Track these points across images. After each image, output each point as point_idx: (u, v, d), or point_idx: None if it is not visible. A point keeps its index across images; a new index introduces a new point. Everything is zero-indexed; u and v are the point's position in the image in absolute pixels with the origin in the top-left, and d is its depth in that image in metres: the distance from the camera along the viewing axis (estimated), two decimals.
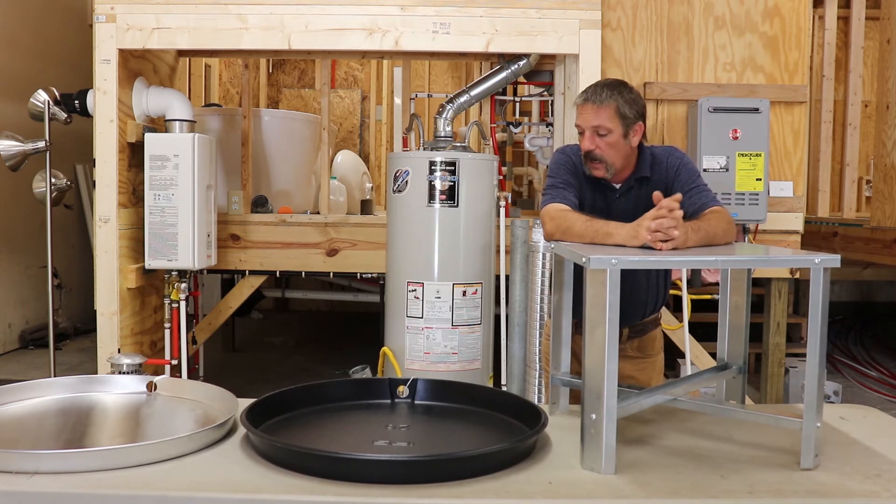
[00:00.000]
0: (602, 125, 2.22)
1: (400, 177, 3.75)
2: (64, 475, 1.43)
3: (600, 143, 2.24)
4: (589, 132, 2.25)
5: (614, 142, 2.24)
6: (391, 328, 3.80)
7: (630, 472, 1.52)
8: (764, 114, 4.24)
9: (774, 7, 4.52)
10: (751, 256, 1.91)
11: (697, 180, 2.30)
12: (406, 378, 1.96)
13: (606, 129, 2.23)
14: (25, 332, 6.75)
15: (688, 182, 2.28)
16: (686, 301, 4.30)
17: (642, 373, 2.50)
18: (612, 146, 2.24)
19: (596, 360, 1.53)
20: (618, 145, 2.25)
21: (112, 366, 2.31)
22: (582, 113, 2.27)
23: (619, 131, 2.24)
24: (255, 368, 6.25)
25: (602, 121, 2.22)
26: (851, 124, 5.91)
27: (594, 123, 2.23)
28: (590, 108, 2.24)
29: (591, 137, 2.25)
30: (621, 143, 2.25)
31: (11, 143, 4.34)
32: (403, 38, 3.86)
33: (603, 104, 2.23)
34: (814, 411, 1.55)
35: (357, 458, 1.47)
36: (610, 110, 2.23)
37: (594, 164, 2.28)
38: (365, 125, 8.16)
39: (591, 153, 2.26)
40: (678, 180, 2.29)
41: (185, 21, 3.85)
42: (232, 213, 4.80)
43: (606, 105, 2.23)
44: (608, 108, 2.23)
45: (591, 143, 2.24)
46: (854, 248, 5.47)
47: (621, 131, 2.24)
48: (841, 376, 6.10)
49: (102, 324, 3.93)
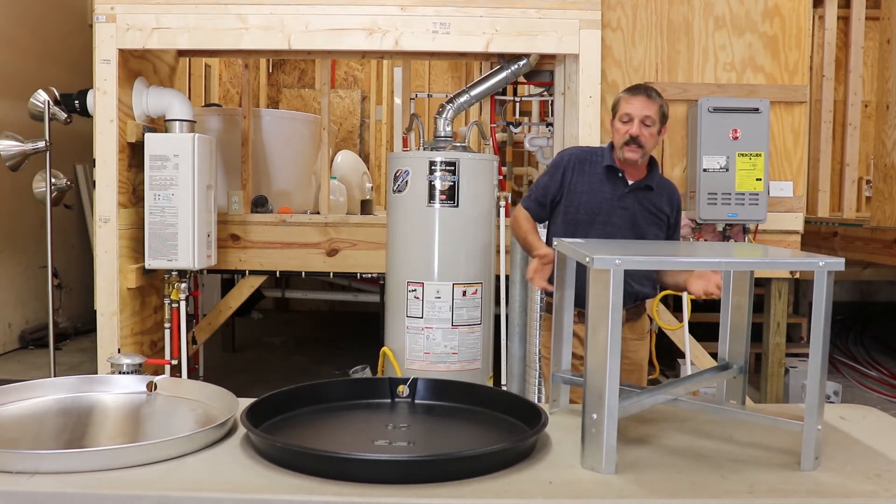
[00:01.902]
0: (650, 116, 2.58)
1: (400, 177, 3.75)
2: (64, 475, 1.43)
3: (645, 132, 2.57)
4: (638, 120, 2.57)
5: (654, 133, 2.60)
6: (391, 328, 3.80)
7: (630, 471, 1.52)
8: (764, 114, 4.24)
9: (774, 7, 4.52)
10: (754, 259, 1.91)
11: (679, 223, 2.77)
12: (406, 378, 1.96)
13: (652, 120, 2.58)
14: (25, 332, 6.75)
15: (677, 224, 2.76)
16: (686, 301, 4.30)
17: (637, 353, 2.72)
18: (652, 136, 2.60)
19: (598, 360, 1.53)
20: (654, 138, 2.62)
21: (112, 366, 2.31)
22: (633, 103, 2.59)
23: (658, 127, 2.61)
24: (255, 368, 6.25)
25: (651, 112, 2.58)
26: (851, 124, 5.91)
27: (645, 113, 2.57)
28: (643, 100, 2.58)
29: (639, 125, 2.57)
30: (656, 138, 2.63)
31: (11, 143, 4.34)
32: (403, 38, 3.86)
33: (653, 100, 2.60)
34: (815, 414, 1.55)
35: (357, 458, 1.47)
36: (656, 106, 2.60)
37: (632, 147, 2.58)
38: (365, 125, 8.16)
39: (637, 139, 2.57)
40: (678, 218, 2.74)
41: (185, 21, 3.84)
42: (232, 213, 4.80)
43: (655, 101, 2.60)
44: (656, 104, 2.60)
45: (639, 129, 2.57)
46: (854, 248, 5.47)
47: (658, 127, 2.62)
48: (841, 376, 6.10)
49: (102, 324, 3.93)
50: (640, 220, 2.62)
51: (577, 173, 2.67)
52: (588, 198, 2.64)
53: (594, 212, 2.62)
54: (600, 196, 2.63)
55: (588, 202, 2.63)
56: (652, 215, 2.64)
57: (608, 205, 2.62)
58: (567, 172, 2.69)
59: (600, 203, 2.63)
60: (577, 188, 2.66)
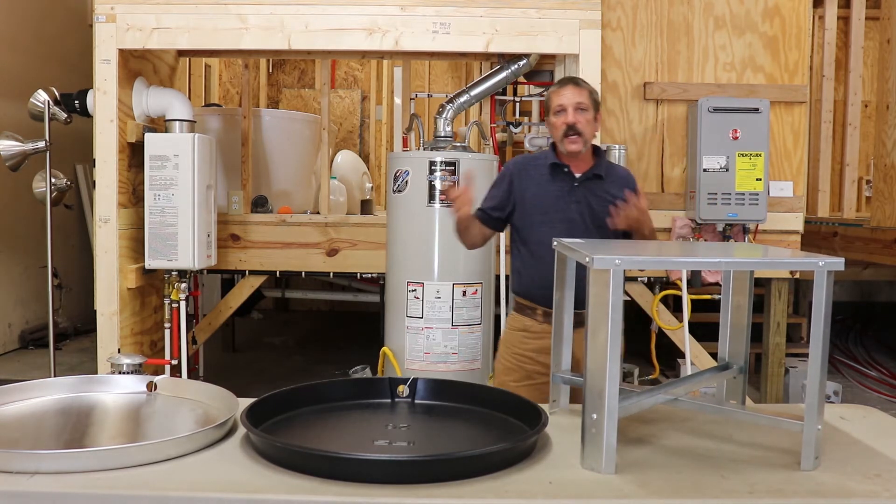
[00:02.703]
0: (583, 102, 2.59)
1: (400, 177, 3.75)
2: (64, 475, 1.43)
3: (580, 118, 2.57)
4: (572, 108, 2.57)
5: (590, 119, 2.60)
6: (391, 328, 3.80)
7: (630, 471, 1.52)
8: (764, 114, 4.24)
9: (774, 7, 4.52)
10: (754, 259, 1.90)
11: None
12: (406, 378, 1.95)
13: (585, 106, 2.59)
14: (25, 332, 6.75)
15: None
16: (686, 301, 4.30)
17: None
18: (589, 123, 2.60)
19: (598, 360, 1.53)
20: (591, 124, 2.61)
21: (112, 366, 2.31)
22: (563, 93, 2.60)
23: (592, 113, 2.61)
24: (255, 368, 6.25)
25: (583, 98, 2.59)
26: (851, 124, 5.91)
27: (577, 100, 2.58)
28: (571, 89, 2.60)
29: (573, 113, 2.57)
30: (593, 124, 2.62)
31: (11, 143, 4.34)
32: (403, 38, 3.86)
33: (582, 87, 2.62)
34: (815, 414, 1.55)
35: (357, 458, 1.47)
36: (586, 93, 2.61)
37: (572, 138, 2.57)
38: (365, 125, 8.16)
39: (574, 126, 2.56)
40: None
41: (185, 21, 3.85)
42: (232, 213, 4.80)
43: (584, 88, 2.62)
44: (585, 90, 2.62)
45: (574, 117, 2.56)
46: (854, 248, 5.47)
47: (592, 113, 2.62)
48: (841, 376, 6.10)
49: (102, 324, 3.93)
50: (596, 210, 2.59)
51: (524, 179, 2.66)
52: (539, 199, 2.62)
53: (547, 211, 2.60)
54: (551, 195, 2.61)
55: (540, 204, 2.61)
56: (607, 203, 2.59)
57: (561, 201, 2.60)
58: (514, 181, 2.67)
59: (553, 201, 2.60)
60: (527, 193, 2.64)
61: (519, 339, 2.70)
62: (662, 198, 4.56)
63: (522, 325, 2.69)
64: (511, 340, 2.74)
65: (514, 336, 2.72)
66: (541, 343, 2.63)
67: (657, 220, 4.51)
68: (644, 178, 4.56)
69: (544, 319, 2.63)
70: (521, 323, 2.70)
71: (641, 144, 4.56)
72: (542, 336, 2.63)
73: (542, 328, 2.63)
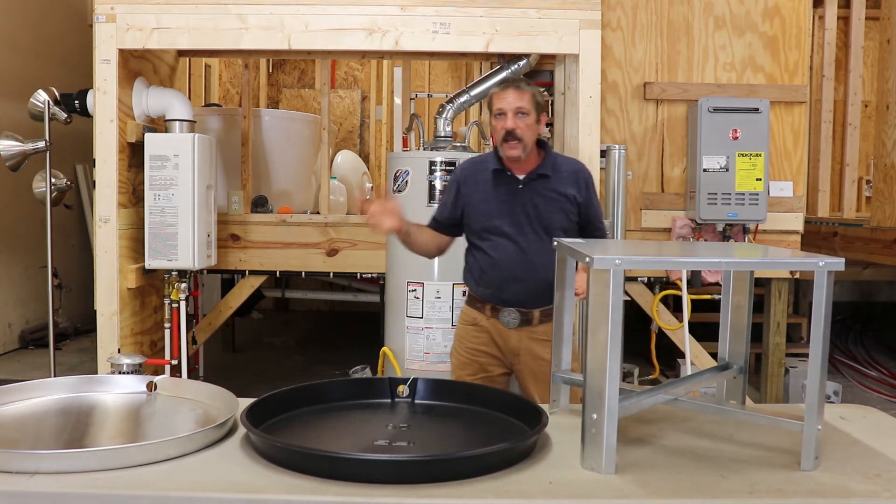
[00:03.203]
0: (523, 106, 2.53)
1: (400, 177, 3.75)
2: (64, 475, 1.43)
3: (520, 123, 2.53)
4: (511, 113, 2.53)
5: (531, 124, 2.55)
6: (391, 328, 3.80)
7: (630, 471, 1.52)
8: (764, 114, 4.24)
9: (774, 7, 4.52)
10: (754, 259, 1.90)
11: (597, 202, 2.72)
12: (406, 378, 1.95)
13: (526, 110, 2.53)
14: (25, 332, 6.75)
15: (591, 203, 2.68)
16: (686, 301, 4.30)
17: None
18: (529, 127, 2.55)
19: (598, 360, 1.53)
20: (532, 128, 2.56)
21: (112, 366, 2.31)
22: (504, 97, 2.55)
23: (534, 116, 2.56)
24: (255, 368, 6.25)
25: (523, 103, 2.53)
26: (851, 124, 5.91)
27: (517, 105, 2.53)
28: (512, 93, 2.55)
29: (513, 118, 2.53)
30: (534, 127, 2.57)
31: (11, 143, 4.34)
32: (403, 38, 3.86)
33: (524, 91, 2.56)
34: (815, 414, 1.55)
35: (357, 458, 1.47)
36: (528, 96, 2.55)
37: (512, 144, 2.54)
38: (365, 125, 8.16)
39: (514, 132, 2.52)
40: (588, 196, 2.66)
41: (185, 21, 3.84)
42: (232, 213, 4.80)
43: (526, 91, 2.56)
44: (527, 93, 2.56)
45: (514, 122, 2.52)
46: (854, 248, 5.47)
47: (535, 116, 2.56)
48: (841, 376, 6.10)
49: (102, 324, 3.93)
50: (542, 210, 2.59)
51: (471, 185, 2.66)
52: (485, 205, 2.63)
53: (494, 215, 2.61)
54: (496, 199, 2.61)
55: (486, 209, 2.62)
56: (554, 202, 2.60)
57: (506, 205, 2.60)
58: (461, 187, 2.68)
59: (498, 205, 2.61)
60: (474, 198, 2.65)
61: (470, 332, 2.73)
62: (662, 198, 4.57)
63: (472, 318, 2.71)
64: (462, 335, 2.76)
65: (465, 330, 2.75)
66: (489, 337, 2.68)
67: (657, 220, 4.54)
68: (644, 178, 4.56)
69: (492, 314, 2.66)
70: (470, 316, 2.73)
71: (641, 144, 4.56)
72: (489, 330, 2.67)
73: (490, 323, 2.67)
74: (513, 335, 2.64)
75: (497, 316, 2.65)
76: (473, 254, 2.69)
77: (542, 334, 2.63)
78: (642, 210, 4.54)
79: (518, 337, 2.64)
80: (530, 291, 2.61)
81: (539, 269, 2.56)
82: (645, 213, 4.55)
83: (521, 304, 2.62)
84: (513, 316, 2.62)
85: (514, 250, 2.59)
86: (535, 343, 2.63)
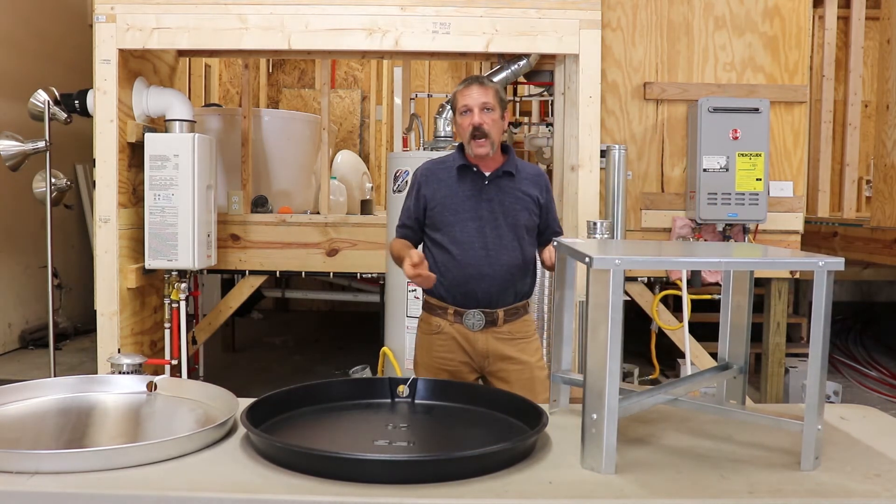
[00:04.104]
0: (489, 101, 2.54)
1: (400, 177, 3.75)
2: (64, 475, 1.43)
3: (486, 118, 2.53)
4: (478, 108, 2.53)
5: (496, 119, 2.56)
6: (391, 328, 3.80)
7: (630, 471, 1.52)
8: (764, 114, 4.24)
9: (774, 7, 4.52)
10: (754, 259, 1.91)
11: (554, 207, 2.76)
12: (406, 378, 1.95)
13: (492, 105, 2.54)
14: (25, 332, 6.75)
15: (550, 207, 2.71)
16: (686, 301, 4.30)
17: (523, 352, 2.64)
18: (495, 123, 2.55)
19: (598, 360, 1.53)
20: (497, 124, 2.57)
21: (112, 366, 2.31)
22: (469, 94, 2.55)
23: (499, 111, 2.57)
24: (255, 368, 6.25)
25: (488, 98, 2.54)
26: (851, 124, 5.91)
27: (483, 100, 2.53)
28: (476, 89, 2.55)
29: (479, 113, 2.53)
30: (500, 123, 2.58)
31: (11, 143, 4.34)
32: (403, 38, 3.86)
33: (488, 87, 2.57)
34: (815, 414, 1.55)
35: (357, 458, 1.47)
36: (492, 92, 2.56)
37: (480, 142, 2.54)
38: (365, 125, 8.16)
39: (481, 128, 2.52)
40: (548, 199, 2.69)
41: (185, 21, 3.85)
42: (232, 213, 4.80)
43: (490, 87, 2.57)
44: (491, 89, 2.56)
45: (480, 117, 2.52)
46: (854, 248, 5.47)
47: (500, 112, 2.58)
48: (841, 376, 6.10)
49: (102, 324, 3.93)
50: (508, 207, 2.58)
51: (433, 183, 2.63)
52: (450, 201, 2.59)
53: (458, 211, 2.58)
54: (461, 195, 2.59)
55: (451, 205, 2.59)
56: (520, 201, 2.59)
57: (471, 201, 2.58)
58: (423, 187, 2.64)
59: (463, 201, 2.58)
60: (437, 196, 2.61)
61: (434, 342, 2.64)
62: (662, 198, 4.57)
63: (435, 326, 2.64)
64: (425, 345, 2.68)
65: (428, 340, 2.66)
66: (455, 343, 2.61)
67: (657, 220, 4.54)
68: (644, 178, 4.56)
69: (455, 319, 2.59)
70: (432, 325, 2.64)
71: (641, 144, 4.56)
72: (454, 336, 2.60)
73: (454, 328, 2.60)
74: (479, 338, 2.58)
75: (461, 320, 2.59)
76: (433, 253, 2.62)
77: (507, 333, 2.59)
78: (642, 210, 4.54)
79: (484, 339, 2.57)
80: (495, 288, 2.56)
81: (504, 266, 2.55)
82: (645, 213, 4.55)
83: (486, 304, 2.57)
84: (477, 318, 2.56)
85: (478, 246, 2.55)
86: (501, 343, 2.58)
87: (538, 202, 2.63)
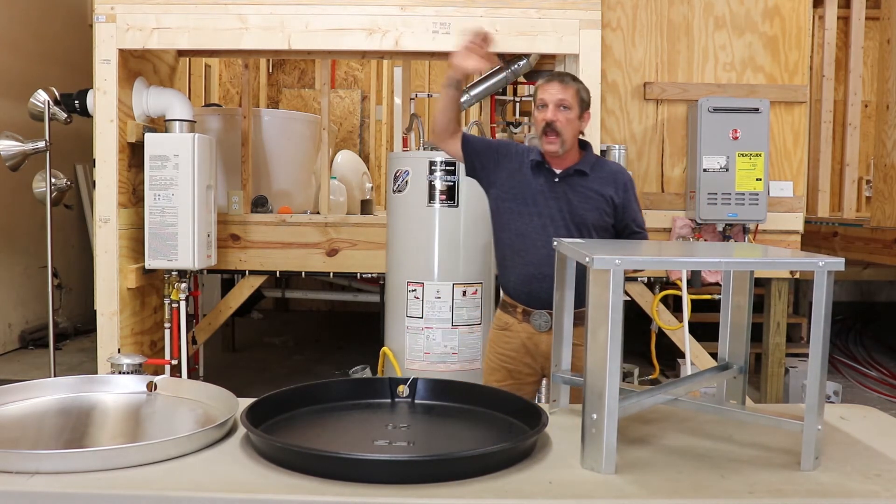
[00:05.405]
0: (566, 100, 2.53)
1: (400, 177, 3.75)
2: (64, 475, 1.43)
3: (561, 116, 2.53)
4: (553, 105, 2.53)
5: (572, 118, 2.54)
6: (391, 328, 3.80)
7: (630, 471, 1.52)
8: (764, 114, 4.24)
9: (774, 7, 4.52)
10: (754, 259, 1.90)
11: (637, 207, 2.72)
12: (406, 377, 1.95)
13: (569, 104, 2.53)
14: (25, 332, 6.75)
15: (628, 205, 2.67)
16: (686, 301, 4.30)
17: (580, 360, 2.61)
18: (569, 122, 2.54)
19: (598, 360, 1.53)
20: (573, 123, 2.55)
21: (112, 366, 2.31)
22: (548, 89, 2.55)
23: (577, 111, 2.55)
24: (255, 368, 6.25)
25: (566, 96, 2.53)
26: (851, 124, 5.91)
27: (559, 97, 2.53)
28: (556, 85, 2.55)
29: (554, 110, 2.53)
30: (575, 123, 2.57)
31: (11, 143, 4.34)
32: (403, 38, 3.86)
33: (568, 85, 2.56)
34: (815, 414, 1.55)
35: (357, 458, 1.47)
36: (572, 91, 2.55)
37: (550, 138, 2.54)
38: (365, 125, 8.16)
39: (553, 124, 2.52)
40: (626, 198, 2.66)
41: (185, 21, 3.85)
42: (232, 213, 4.80)
43: (571, 86, 2.56)
44: (572, 88, 2.56)
45: (554, 114, 2.52)
46: (854, 248, 5.47)
47: (578, 112, 2.56)
48: (841, 376, 6.10)
49: (102, 324, 3.93)
50: (576, 206, 2.57)
51: (513, 162, 2.64)
52: (518, 190, 2.60)
53: (526, 203, 2.59)
54: (531, 188, 2.59)
55: (520, 194, 2.60)
56: (590, 200, 2.58)
57: (540, 196, 2.58)
58: (504, 157, 2.66)
59: (532, 195, 2.59)
60: (508, 180, 2.63)
61: (501, 337, 2.68)
62: (662, 198, 4.57)
63: (504, 323, 2.68)
64: (494, 339, 2.72)
65: (497, 335, 2.71)
66: (520, 342, 2.63)
67: (657, 220, 4.53)
68: (644, 178, 4.56)
69: (523, 318, 2.61)
70: (502, 321, 2.69)
71: (641, 144, 4.56)
72: (520, 335, 2.62)
73: (522, 327, 2.62)
74: (544, 339, 2.58)
75: (528, 319, 2.60)
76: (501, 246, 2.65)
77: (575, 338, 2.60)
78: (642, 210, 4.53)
79: (548, 341, 2.58)
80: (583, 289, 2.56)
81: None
82: (645, 213, 4.53)
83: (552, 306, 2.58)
84: (544, 319, 2.57)
85: (541, 245, 2.53)
86: None
87: (612, 201, 2.61)
